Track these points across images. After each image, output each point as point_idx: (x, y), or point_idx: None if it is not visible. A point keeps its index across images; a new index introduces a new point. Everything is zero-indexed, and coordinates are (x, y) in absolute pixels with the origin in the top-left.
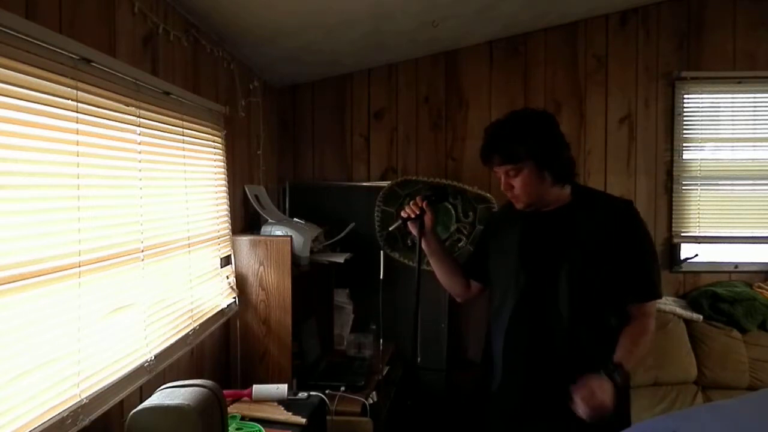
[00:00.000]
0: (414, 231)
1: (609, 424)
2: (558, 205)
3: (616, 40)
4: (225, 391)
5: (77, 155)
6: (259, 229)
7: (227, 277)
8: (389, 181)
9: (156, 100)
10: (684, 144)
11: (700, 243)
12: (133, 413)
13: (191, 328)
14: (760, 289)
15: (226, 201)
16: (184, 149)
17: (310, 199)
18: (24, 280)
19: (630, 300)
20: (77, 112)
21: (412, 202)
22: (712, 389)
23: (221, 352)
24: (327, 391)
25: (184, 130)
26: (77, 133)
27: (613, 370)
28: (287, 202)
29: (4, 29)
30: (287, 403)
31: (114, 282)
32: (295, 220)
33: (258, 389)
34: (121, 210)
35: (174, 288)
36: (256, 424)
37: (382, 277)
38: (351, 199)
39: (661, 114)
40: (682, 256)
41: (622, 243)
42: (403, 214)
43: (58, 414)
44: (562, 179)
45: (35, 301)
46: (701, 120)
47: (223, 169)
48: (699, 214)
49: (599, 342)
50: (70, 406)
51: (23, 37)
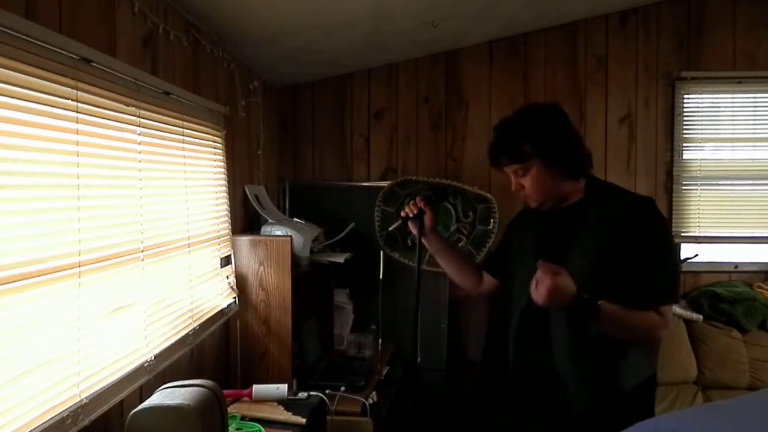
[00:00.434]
0: (414, 231)
1: (632, 420)
2: (574, 200)
3: (616, 40)
4: (225, 391)
5: (77, 155)
6: (259, 229)
7: (227, 277)
8: (389, 181)
9: (156, 100)
10: (684, 144)
11: (700, 243)
12: (133, 413)
13: (191, 328)
14: (760, 289)
15: (226, 201)
16: (184, 149)
17: (310, 199)
18: (24, 280)
19: (641, 302)
20: (77, 112)
21: (411, 202)
22: (712, 389)
23: (221, 352)
24: (327, 391)
25: (184, 130)
26: (77, 133)
27: (588, 298)
28: (287, 202)
29: (4, 29)
30: (287, 403)
31: (114, 282)
32: (295, 220)
33: (258, 389)
34: (121, 210)
35: (174, 288)
36: (256, 424)
37: (382, 277)
38: (351, 199)
39: (661, 114)
40: (683, 256)
41: (635, 242)
42: (402, 214)
43: (58, 414)
44: (574, 174)
45: (35, 301)
46: (701, 120)
47: (223, 169)
48: (699, 214)
49: (611, 343)
50: (70, 406)
51: (23, 37)
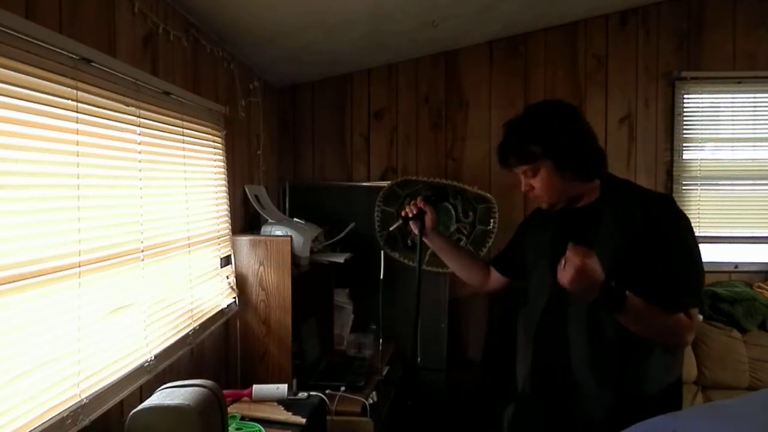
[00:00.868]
0: (416, 230)
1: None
2: (588, 200)
3: (616, 40)
4: (225, 391)
5: (77, 155)
6: (259, 229)
7: (227, 277)
8: (389, 181)
9: (156, 100)
10: (684, 144)
11: (700, 243)
12: (133, 413)
13: (191, 328)
14: (760, 289)
15: (226, 201)
16: (184, 149)
17: (310, 199)
18: (24, 280)
19: (666, 306)
20: (77, 112)
21: (412, 203)
22: (712, 389)
23: (221, 352)
24: (327, 391)
25: (184, 130)
26: (77, 133)
27: (615, 287)
28: (287, 202)
29: (4, 29)
30: (287, 403)
31: (114, 282)
32: (295, 220)
33: (258, 389)
34: (121, 210)
35: (174, 288)
36: (256, 424)
37: (382, 277)
38: (351, 199)
39: (661, 114)
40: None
41: (656, 243)
42: (403, 214)
43: (58, 414)
44: (586, 176)
45: (35, 301)
46: (701, 120)
47: (223, 169)
48: (699, 214)
49: (632, 347)
50: (70, 406)
51: (23, 37)
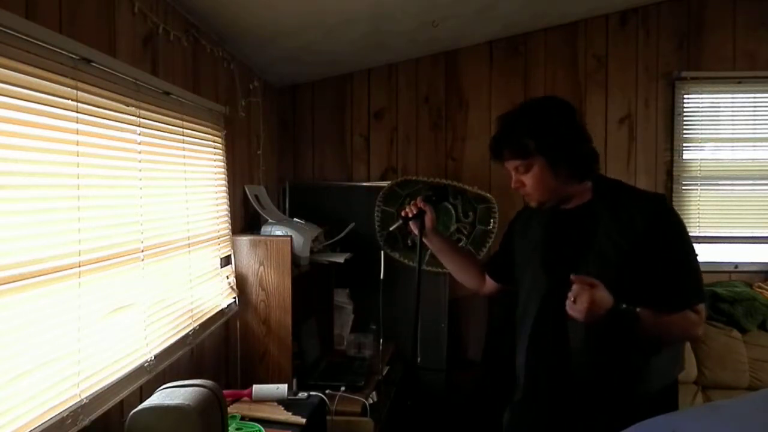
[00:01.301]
0: (415, 231)
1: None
2: (580, 201)
3: (616, 40)
4: (225, 391)
5: (77, 155)
6: (259, 229)
7: (227, 277)
8: (389, 181)
9: (156, 100)
10: (684, 144)
11: (700, 243)
12: (133, 413)
13: (191, 328)
14: (760, 289)
15: (226, 201)
16: (184, 149)
17: (310, 199)
18: (24, 280)
19: (672, 305)
20: (77, 112)
21: (412, 203)
22: (712, 389)
23: (221, 352)
24: (327, 391)
25: (184, 130)
26: (77, 133)
27: (627, 308)
28: (287, 202)
29: (4, 29)
30: (287, 403)
31: (114, 282)
32: (295, 220)
33: (258, 389)
34: (121, 210)
35: (174, 288)
36: (256, 424)
37: (382, 277)
38: (351, 199)
39: (661, 114)
40: None
41: (649, 244)
42: (403, 214)
43: (58, 414)
44: (579, 176)
45: (35, 301)
46: (701, 120)
47: (223, 169)
48: (699, 214)
49: (626, 348)
50: (70, 406)
51: (23, 37)
